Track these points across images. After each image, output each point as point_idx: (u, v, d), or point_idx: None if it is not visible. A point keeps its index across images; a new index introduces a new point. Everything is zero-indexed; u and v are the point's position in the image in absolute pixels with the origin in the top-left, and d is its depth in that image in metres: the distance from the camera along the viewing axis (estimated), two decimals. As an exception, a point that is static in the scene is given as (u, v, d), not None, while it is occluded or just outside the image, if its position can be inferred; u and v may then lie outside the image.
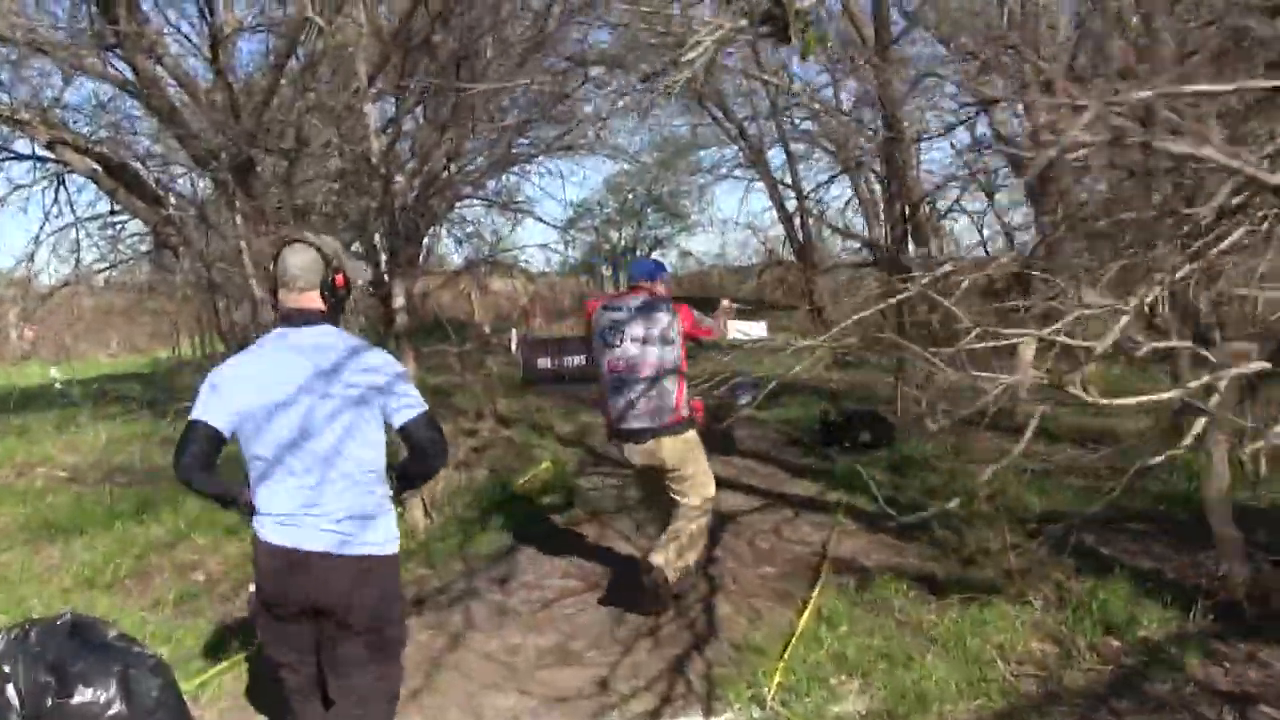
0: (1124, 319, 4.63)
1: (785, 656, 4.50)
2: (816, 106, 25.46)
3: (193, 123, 7.79)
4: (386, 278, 7.33)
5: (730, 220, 46.60)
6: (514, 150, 21.10)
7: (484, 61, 12.17)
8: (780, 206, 25.29)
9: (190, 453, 3.01)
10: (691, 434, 5.31)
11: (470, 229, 20.13)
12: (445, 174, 18.63)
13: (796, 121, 24.67)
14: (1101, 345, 3.38)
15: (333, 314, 3.22)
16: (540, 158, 21.86)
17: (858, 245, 28.62)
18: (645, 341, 5.13)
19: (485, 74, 12.51)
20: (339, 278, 3.19)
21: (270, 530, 3.04)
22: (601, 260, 40.15)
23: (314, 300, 3.16)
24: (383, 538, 3.13)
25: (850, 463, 8.96)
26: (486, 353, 17.87)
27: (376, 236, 7.93)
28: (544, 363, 19.39)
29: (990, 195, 23.60)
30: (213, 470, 3.08)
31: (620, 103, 19.55)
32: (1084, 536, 5.78)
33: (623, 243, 40.62)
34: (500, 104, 17.26)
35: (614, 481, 8.77)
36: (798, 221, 25.57)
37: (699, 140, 27.71)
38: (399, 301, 7.29)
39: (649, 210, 40.02)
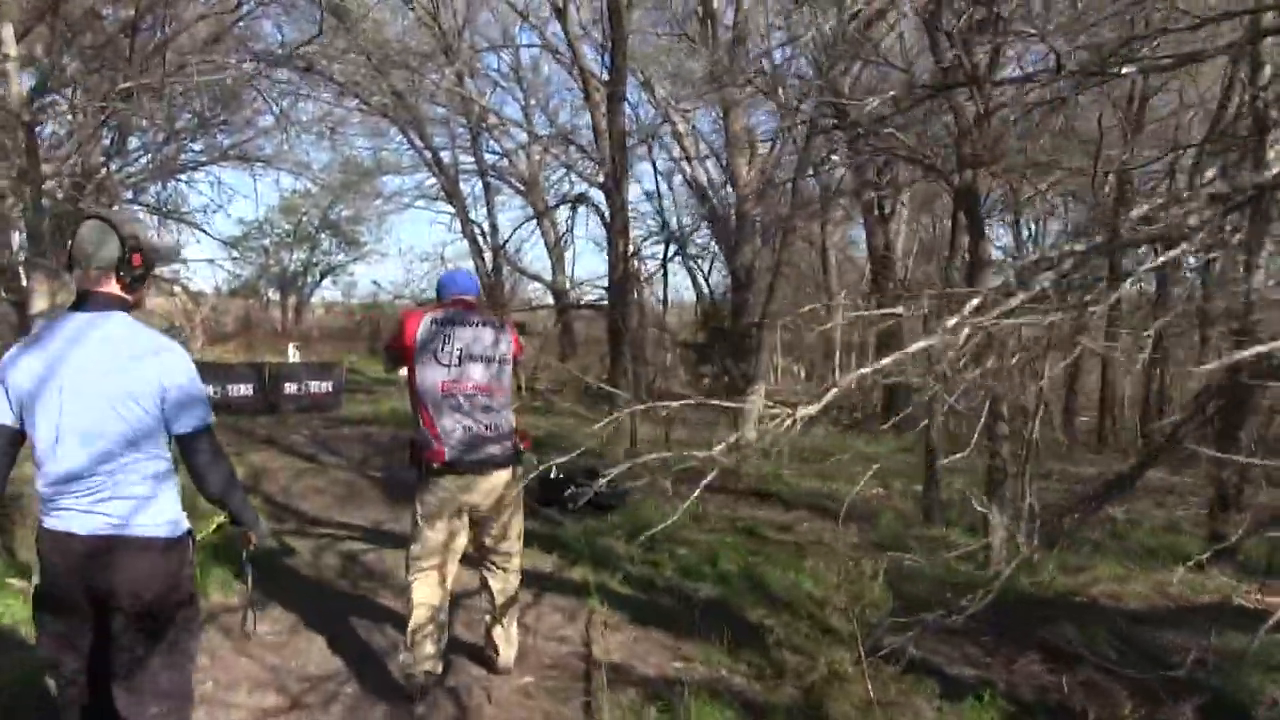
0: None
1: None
2: (510, 146, 24.80)
3: None
4: (23, 275, 5.56)
5: (412, 250, 44.93)
6: (184, 156, 19.03)
7: (159, 40, 10.38)
8: (473, 241, 24.17)
9: None
10: (521, 470, 4.70)
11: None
12: (104, 172, 16.25)
13: (492, 159, 23.90)
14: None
15: (132, 296, 3.07)
16: (211, 166, 19.86)
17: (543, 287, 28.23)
18: (487, 360, 4.54)
19: (160, 56, 10.72)
20: (136, 256, 3.02)
21: (49, 517, 2.97)
22: (271, 282, 37.49)
23: (107, 282, 3.01)
24: (158, 519, 3.00)
25: (585, 530, 7.88)
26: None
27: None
28: (207, 391, 17.15)
29: (683, 247, 23.70)
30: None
31: (305, 114, 17.97)
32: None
33: (293, 266, 38.10)
34: (175, 97, 15.21)
35: (308, 543, 7.23)
36: (489, 258, 24.59)
37: (384, 166, 26.37)
38: (39, 305, 5.55)
39: (323, 235, 37.81)
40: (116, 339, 2.97)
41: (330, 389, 17.63)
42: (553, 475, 9.16)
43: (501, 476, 4.53)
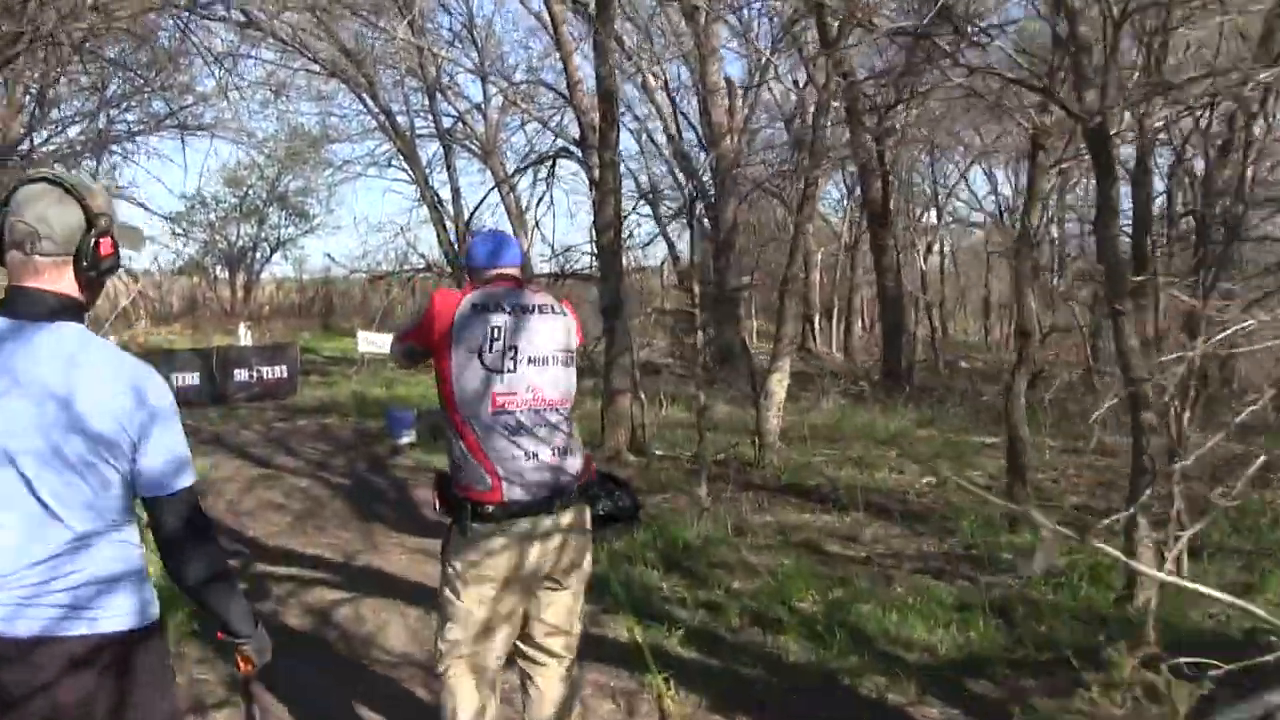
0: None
1: None
2: (465, 107, 23.08)
3: None
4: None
5: (366, 219, 43.01)
6: (115, 125, 17.38)
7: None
8: (433, 208, 22.48)
9: None
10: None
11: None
12: (28, 145, 14.57)
13: (449, 123, 22.27)
14: None
15: (88, 298, 2.09)
16: (148, 136, 18.25)
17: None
18: (550, 360, 3.18)
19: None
20: (105, 242, 2.05)
21: None
22: (217, 259, 35.55)
23: (62, 277, 2.03)
24: (121, 611, 2.06)
25: (610, 556, 6.35)
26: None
27: None
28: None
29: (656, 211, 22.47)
30: None
31: (248, 77, 16.34)
32: None
33: (241, 242, 36.13)
34: (99, 58, 13.58)
35: (265, 589, 5.69)
36: (451, 226, 22.92)
37: (333, 133, 24.60)
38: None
39: (272, 208, 35.86)
40: (70, 363, 2.02)
41: (284, 373, 16.08)
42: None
43: (575, 519, 3.13)
